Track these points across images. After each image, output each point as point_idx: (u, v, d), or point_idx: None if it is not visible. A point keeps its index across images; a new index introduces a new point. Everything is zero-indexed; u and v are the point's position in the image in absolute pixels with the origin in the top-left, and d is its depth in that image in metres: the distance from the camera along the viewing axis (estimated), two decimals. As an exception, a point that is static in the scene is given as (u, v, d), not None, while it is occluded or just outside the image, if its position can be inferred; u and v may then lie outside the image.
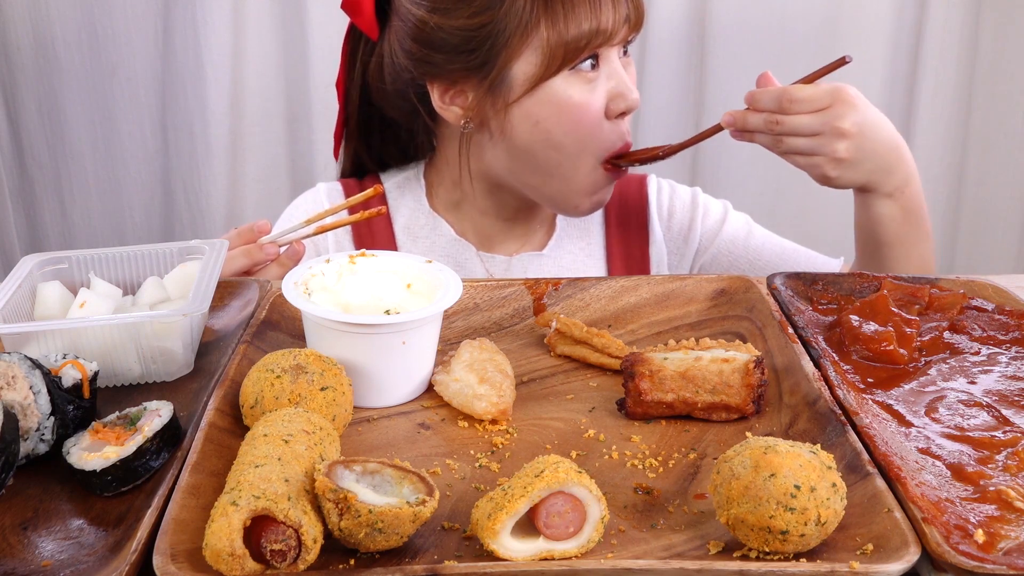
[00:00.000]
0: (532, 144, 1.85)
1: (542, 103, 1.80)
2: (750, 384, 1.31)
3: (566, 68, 1.78)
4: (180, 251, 1.58)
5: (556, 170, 1.87)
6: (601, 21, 1.75)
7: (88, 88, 3.21)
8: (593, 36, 1.76)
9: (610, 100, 1.82)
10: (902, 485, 1.10)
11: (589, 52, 1.78)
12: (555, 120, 1.81)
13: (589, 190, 1.89)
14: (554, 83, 1.79)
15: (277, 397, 1.24)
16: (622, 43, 1.83)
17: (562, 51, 1.76)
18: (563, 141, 1.83)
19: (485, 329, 1.58)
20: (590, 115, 1.81)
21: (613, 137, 1.84)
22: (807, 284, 1.63)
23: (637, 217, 2.14)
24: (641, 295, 1.63)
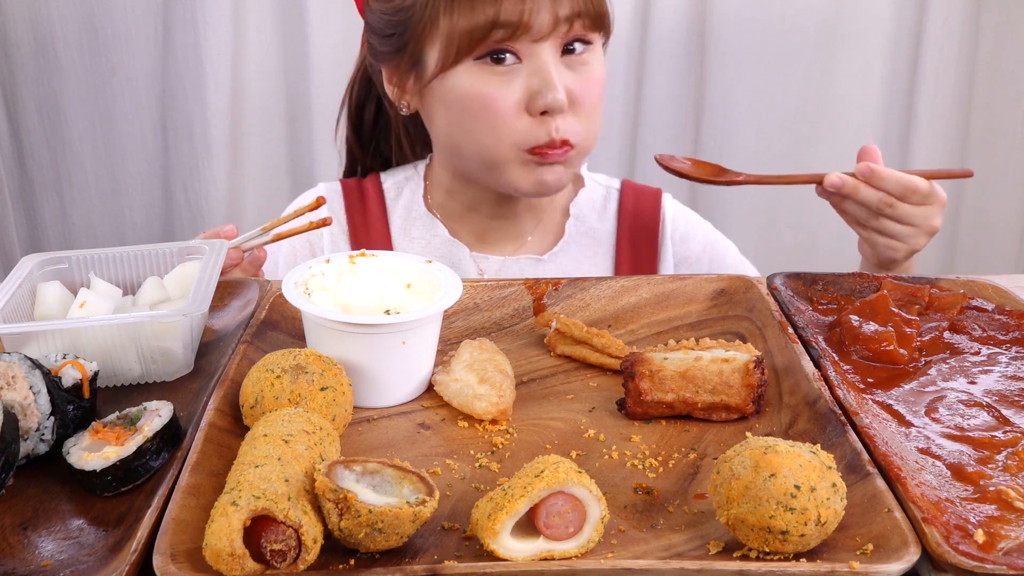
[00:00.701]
0: (449, 129, 1.89)
1: (448, 90, 1.82)
2: (750, 384, 1.32)
3: (468, 59, 1.78)
4: (180, 251, 1.58)
5: (478, 156, 1.87)
6: (502, 15, 1.72)
7: (88, 88, 3.21)
8: (491, 29, 1.74)
9: (529, 97, 1.78)
10: (902, 485, 1.10)
11: (491, 45, 1.76)
12: (460, 108, 1.82)
13: (521, 176, 1.86)
14: (458, 72, 1.79)
15: (277, 397, 1.24)
16: (561, 41, 1.79)
17: (458, 41, 1.76)
18: (473, 128, 1.83)
19: (485, 329, 1.58)
20: (500, 108, 1.79)
21: (536, 133, 1.80)
22: (807, 284, 1.63)
23: (649, 234, 2.14)
24: (641, 295, 1.63)
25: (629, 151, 3.44)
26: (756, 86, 3.38)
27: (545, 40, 1.76)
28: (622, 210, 2.13)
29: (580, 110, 1.82)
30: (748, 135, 3.43)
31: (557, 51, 1.79)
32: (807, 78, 3.39)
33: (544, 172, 1.85)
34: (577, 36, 1.79)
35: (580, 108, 1.82)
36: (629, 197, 2.16)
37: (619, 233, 2.11)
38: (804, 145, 3.46)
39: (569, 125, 1.81)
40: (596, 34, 1.84)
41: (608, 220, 2.12)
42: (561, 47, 1.79)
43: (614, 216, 2.13)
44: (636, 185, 2.20)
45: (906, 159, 3.46)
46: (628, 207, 2.13)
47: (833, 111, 3.43)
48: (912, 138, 3.44)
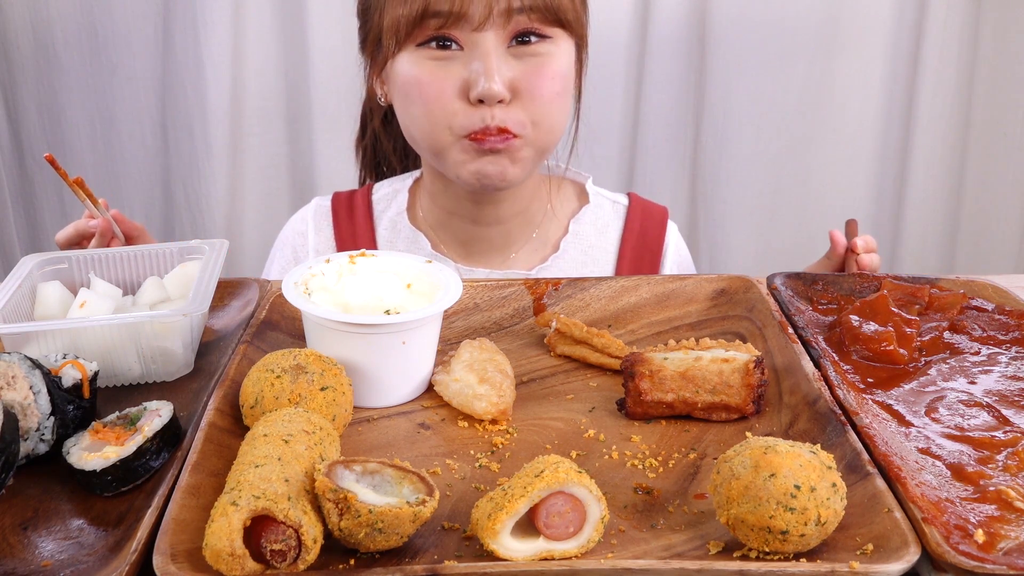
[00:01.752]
0: (400, 116, 1.90)
1: (396, 75, 1.83)
2: (750, 384, 1.32)
3: (410, 44, 1.78)
4: (180, 251, 1.58)
5: (423, 142, 1.87)
6: (433, 3, 1.72)
7: (88, 88, 3.21)
8: (424, 16, 1.74)
9: (466, 84, 1.77)
10: (902, 485, 1.10)
11: (430, 32, 1.76)
12: (403, 93, 1.83)
13: (460, 160, 1.84)
14: (402, 58, 1.80)
15: (277, 397, 1.24)
16: (507, 32, 1.76)
17: (397, 28, 1.76)
18: (413, 112, 1.84)
19: (485, 329, 1.58)
20: (433, 92, 1.78)
21: (472, 119, 1.78)
22: (807, 284, 1.63)
23: (652, 254, 2.12)
24: (641, 295, 1.63)
25: (629, 151, 3.44)
26: (756, 86, 3.38)
27: (485, 30, 1.75)
28: (627, 229, 2.11)
29: (527, 102, 1.78)
30: (748, 135, 3.43)
31: (502, 41, 1.77)
32: (807, 78, 3.39)
33: (485, 162, 1.82)
34: (527, 28, 1.77)
35: (527, 100, 1.78)
36: (636, 216, 2.14)
37: (621, 251, 2.10)
38: (803, 145, 3.46)
39: (510, 115, 1.78)
40: (554, 28, 1.80)
41: (611, 239, 2.10)
42: (508, 38, 1.77)
43: (618, 235, 2.11)
44: (644, 202, 2.18)
45: (906, 159, 3.46)
46: (634, 226, 2.11)
47: (833, 111, 3.43)
48: (912, 138, 3.44)
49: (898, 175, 3.50)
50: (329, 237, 2.10)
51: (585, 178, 2.15)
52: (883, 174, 3.51)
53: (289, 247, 2.13)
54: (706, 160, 3.44)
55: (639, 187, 3.42)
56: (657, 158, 3.44)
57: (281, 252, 2.15)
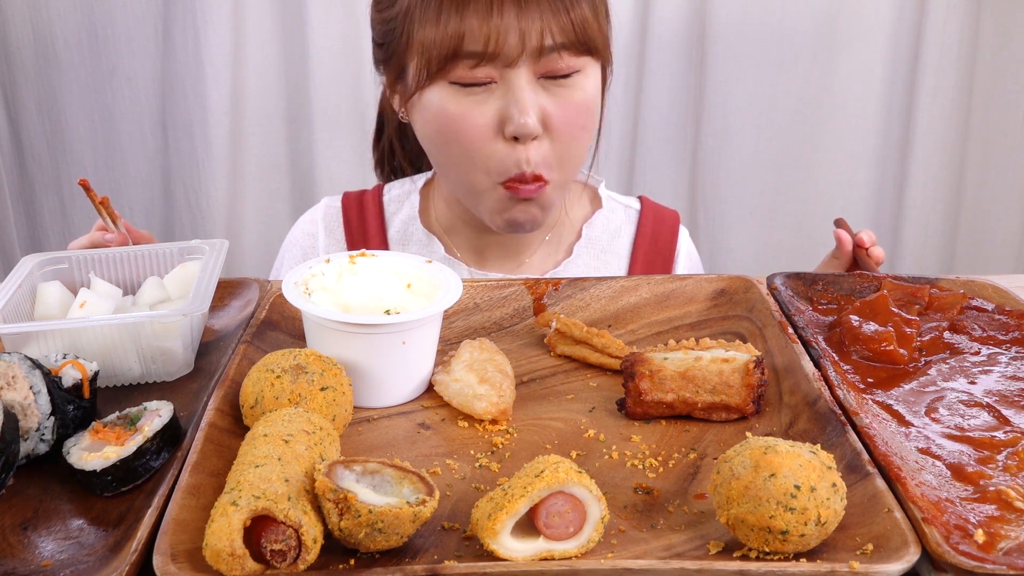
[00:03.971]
0: (430, 148, 1.87)
1: (425, 107, 1.79)
2: (750, 384, 1.31)
3: (439, 80, 1.74)
4: (180, 251, 1.58)
5: (456, 179, 1.86)
6: (467, 44, 1.69)
7: (88, 88, 3.21)
8: (456, 56, 1.70)
9: (501, 120, 1.74)
10: (902, 485, 1.10)
11: (460, 73, 1.72)
12: (435, 128, 1.80)
13: (495, 208, 1.84)
14: (433, 90, 1.76)
15: (277, 397, 1.23)
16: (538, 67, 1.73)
17: (428, 63, 1.73)
18: (449, 150, 1.81)
19: (485, 329, 1.58)
20: (471, 130, 1.75)
21: (507, 162, 1.77)
22: (807, 284, 1.63)
23: (663, 259, 2.12)
24: (641, 295, 1.63)
25: (629, 151, 3.44)
26: (756, 87, 3.38)
27: (518, 66, 1.72)
28: (640, 233, 2.11)
29: (555, 138, 1.77)
30: (748, 135, 3.43)
31: (534, 75, 1.74)
32: (807, 79, 3.39)
33: (517, 211, 1.82)
34: (556, 68, 1.74)
35: (555, 135, 1.76)
36: (648, 221, 2.13)
37: (634, 256, 2.09)
38: (803, 145, 3.46)
39: (543, 154, 1.76)
40: (585, 59, 1.77)
41: (623, 243, 2.10)
42: (540, 73, 1.74)
43: (630, 240, 2.10)
44: (655, 206, 2.17)
45: (906, 159, 3.47)
46: (646, 231, 2.11)
47: (833, 111, 3.43)
48: (912, 138, 3.44)
49: (898, 175, 3.50)
50: (340, 239, 2.09)
51: (598, 182, 2.14)
52: (883, 174, 3.51)
53: (299, 248, 2.12)
54: (706, 160, 3.45)
55: (639, 187, 3.42)
56: (657, 158, 3.45)
57: (291, 253, 2.14)
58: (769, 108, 3.40)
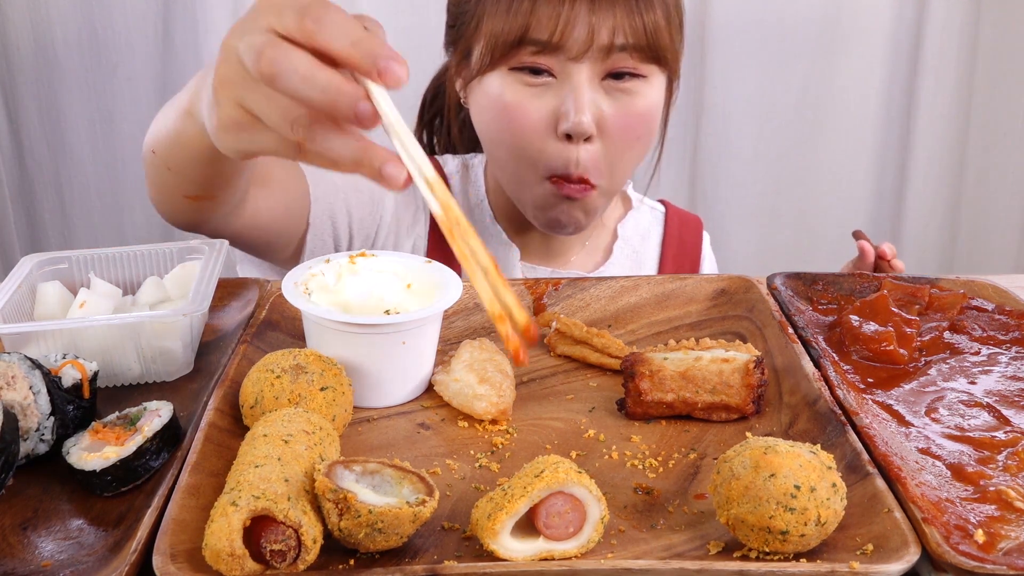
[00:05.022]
0: (484, 134, 1.86)
1: (484, 93, 1.79)
2: (750, 384, 1.31)
3: (502, 66, 1.74)
4: (180, 251, 1.58)
5: (504, 168, 1.85)
6: (532, 31, 1.68)
7: (88, 88, 3.21)
8: (521, 42, 1.70)
9: (556, 116, 1.73)
10: (902, 485, 1.10)
11: (523, 59, 1.72)
12: (491, 114, 1.80)
13: (539, 203, 1.83)
14: (493, 77, 1.76)
15: (277, 397, 1.23)
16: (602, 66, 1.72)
17: (492, 48, 1.73)
18: (500, 139, 1.80)
19: (485, 329, 1.58)
20: (525, 122, 1.75)
21: (558, 159, 1.76)
22: (807, 284, 1.63)
23: (691, 262, 2.12)
24: (641, 295, 1.63)
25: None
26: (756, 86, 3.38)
27: (581, 61, 1.71)
28: (668, 235, 2.11)
29: (608, 143, 1.75)
30: (748, 135, 3.43)
31: (596, 74, 1.73)
32: (807, 78, 3.40)
33: (560, 211, 1.81)
34: (622, 67, 1.73)
35: (607, 140, 1.75)
36: (675, 224, 2.13)
37: (663, 257, 2.09)
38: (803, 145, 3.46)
39: (593, 158, 1.75)
40: (651, 66, 1.75)
41: (652, 245, 2.10)
42: (603, 73, 1.73)
43: (659, 242, 2.10)
44: (679, 211, 2.17)
45: (906, 159, 3.47)
46: (674, 234, 2.11)
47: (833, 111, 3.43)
48: (912, 138, 3.44)
49: (898, 175, 3.50)
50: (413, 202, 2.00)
51: (627, 183, 2.14)
52: (883, 174, 3.52)
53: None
54: (706, 160, 3.45)
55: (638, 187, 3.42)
56: (657, 158, 3.45)
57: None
58: (769, 108, 3.41)
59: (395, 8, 3.16)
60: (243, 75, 1.08)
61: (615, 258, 2.04)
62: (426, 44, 2.79)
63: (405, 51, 1.05)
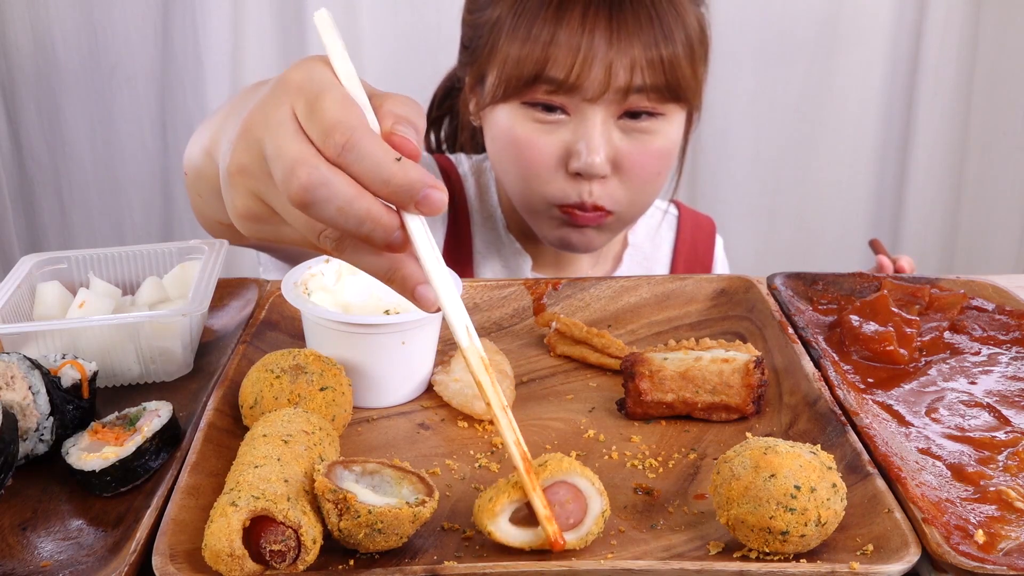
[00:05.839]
0: (493, 161, 1.86)
1: (495, 123, 1.78)
2: (750, 384, 1.31)
3: (514, 99, 1.73)
4: (180, 251, 1.58)
5: (513, 195, 1.84)
6: (549, 69, 1.66)
7: (88, 88, 3.21)
8: (536, 80, 1.68)
9: (567, 154, 1.72)
10: (902, 485, 1.10)
11: (536, 96, 1.71)
12: (500, 145, 1.79)
13: (548, 229, 1.83)
14: (505, 108, 1.75)
15: (276, 397, 1.23)
16: (618, 107, 1.71)
17: (506, 81, 1.71)
18: (509, 169, 1.80)
19: (485, 329, 1.58)
20: (536, 157, 1.74)
21: (567, 192, 1.75)
22: (807, 284, 1.63)
23: (703, 268, 2.11)
24: (641, 295, 1.62)
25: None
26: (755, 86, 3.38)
27: (597, 103, 1.69)
28: (680, 239, 2.10)
29: (625, 180, 1.75)
30: (747, 135, 3.43)
31: (612, 115, 1.71)
32: (806, 78, 3.39)
33: (571, 232, 1.81)
34: (640, 107, 1.71)
35: (625, 178, 1.75)
36: (687, 227, 2.12)
37: (674, 263, 2.07)
38: (803, 145, 3.46)
39: (608, 191, 1.75)
40: (669, 105, 1.74)
41: (663, 248, 2.09)
42: (620, 112, 1.72)
43: (671, 245, 2.10)
44: (692, 213, 2.15)
45: (906, 159, 3.47)
46: (686, 237, 2.10)
47: (833, 111, 3.43)
48: (912, 138, 3.44)
49: (898, 175, 3.50)
50: None
51: None
52: (883, 174, 3.51)
53: None
54: (705, 160, 3.45)
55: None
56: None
57: None
58: (769, 108, 3.40)
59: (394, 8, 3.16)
60: (265, 172, 0.97)
61: (625, 266, 2.03)
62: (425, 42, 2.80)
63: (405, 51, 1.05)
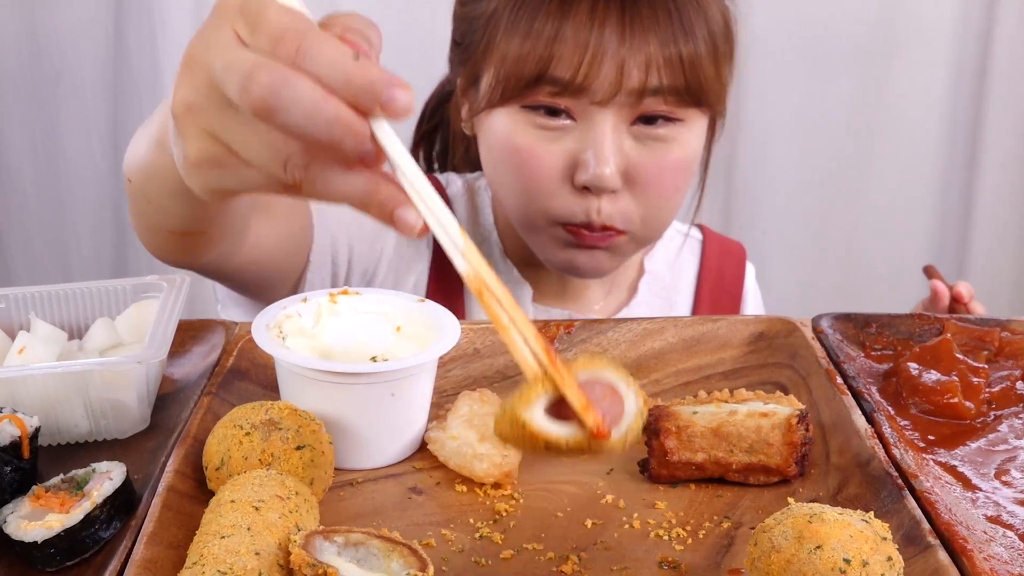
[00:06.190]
0: (489, 173, 1.86)
1: (491, 130, 1.78)
2: (792, 442, 1.32)
3: (514, 103, 1.72)
4: (134, 288, 1.58)
5: (513, 212, 1.84)
6: (552, 68, 1.66)
7: (28, 99, 3.21)
8: (538, 81, 1.68)
9: (573, 165, 1.71)
10: (968, 559, 1.10)
11: (539, 99, 1.70)
12: (498, 154, 1.79)
13: (551, 250, 1.82)
14: (503, 113, 1.75)
15: (246, 457, 1.24)
16: (631, 111, 1.70)
17: (505, 83, 1.71)
18: (507, 182, 1.80)
19: (487, 379, 1.58)
20: (536, 170, 1.73)
21: (573, 209, 1.74)
22: (859, 327, 1.63)
23: (731, 298, 2.11)
24: (667, 339, 1.63)
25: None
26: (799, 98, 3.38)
27: (607, 106, 1.68)
28: (704, 267, 2.10)
29: (640, 196, 1.74)
30: (790, 157, 3.43)
31: (624, 120, 1.71)
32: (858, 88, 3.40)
33: (576, 254, 1.80)
34: (656, 111, 1.71)
35: (640, 193, 1.74)
36: (713, 254, 2.12)
37: (698, 294, 2.08)
38: (854, 165, 3.45)
39: (619, 208, 1.74)
40: (690, 109, 1.74)
41: (685, 276, 2.10)
42: (633, 118, 1.71)
43: (694, 273, 2.10)
44: (719, 237, 2.15)
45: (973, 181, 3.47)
46: (712, 265, 2.10)
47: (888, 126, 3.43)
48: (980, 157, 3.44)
49: (963, 200, 3.50)
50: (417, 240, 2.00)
51: None
52: (946, 199, 3.51)
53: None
54: (742, 183, 3.45)
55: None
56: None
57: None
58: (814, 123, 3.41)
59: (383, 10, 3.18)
60: (216, 101, 0.98)
61: (641, 296, 2.03)
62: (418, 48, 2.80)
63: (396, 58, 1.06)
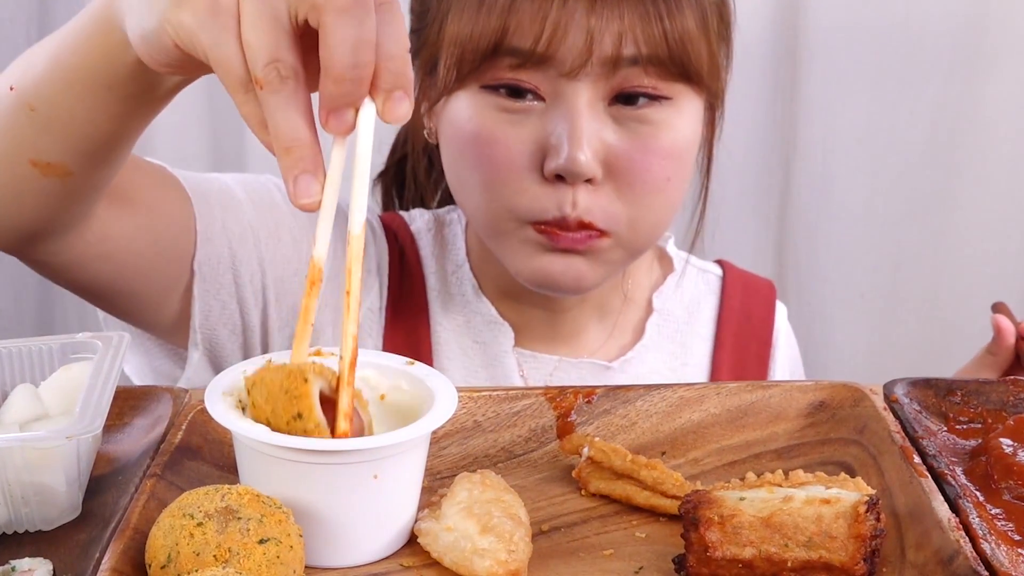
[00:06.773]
0: (448, 172, 1.88)
1: (449, 120, 1.81)
2: (860, 535, 1.32)
3: (473, 83, 1.75)
4: (62, 348, 1.59)
5: (477, 215, 1.86)
6: (511, 36, 1.68)
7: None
8: (495, 51, 1.70)
9: (542, 150, 1.73)
10: (1073, 675, 1.11)
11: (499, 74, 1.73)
12: (456, 146, 1.81)
13: (520, 258, 1.82)
14: (461, 97, 1.77)
15: (198, 553, 1.24)
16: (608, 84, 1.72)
17: (460, 58, 1.73)
18: (468, 178, 1.82)
19: (489, 458, 1.59)
20: (501, 157, 1.74)
21: (543, 203, 1.75)
22: (940, 395, 1.63)
23: (759, 344, 2.13)
24: (708, 410, 1.63)
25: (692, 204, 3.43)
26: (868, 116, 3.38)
27: (579, 78, 1.70)
28: (726, 307, 2.12)
29: (624, 188, 1.75)
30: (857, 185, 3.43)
31: (601, 96, 1.72)
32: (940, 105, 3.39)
33: (551, 261, 1.79)
34: (637, 86, 1.73)
35: (624, 185, 1.75)
36: (735, 291, 2.14)
37: (719, 338, 2.10)
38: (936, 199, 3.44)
39: (599, 203, 1.75)
40: (677, 85, 1.76)
41: (703, 321, 2.11)
42: (611, 93, 1.73)
43: (713, 316, 2.12)
44: (743, 273, 2.18)
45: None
46: (734, 305, 2.12)
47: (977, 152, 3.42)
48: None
49: (1072, 242, 3.50)
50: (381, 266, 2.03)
51: (666, 238, 2.13)
52: (1051, 240, 3.52)
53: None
54: (799, 219, 3.45)
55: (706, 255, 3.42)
56: (732, 215, 3.44)
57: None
58: (886, 147, 3.41)
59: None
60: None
61: (649, 338, 2.05)
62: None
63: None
